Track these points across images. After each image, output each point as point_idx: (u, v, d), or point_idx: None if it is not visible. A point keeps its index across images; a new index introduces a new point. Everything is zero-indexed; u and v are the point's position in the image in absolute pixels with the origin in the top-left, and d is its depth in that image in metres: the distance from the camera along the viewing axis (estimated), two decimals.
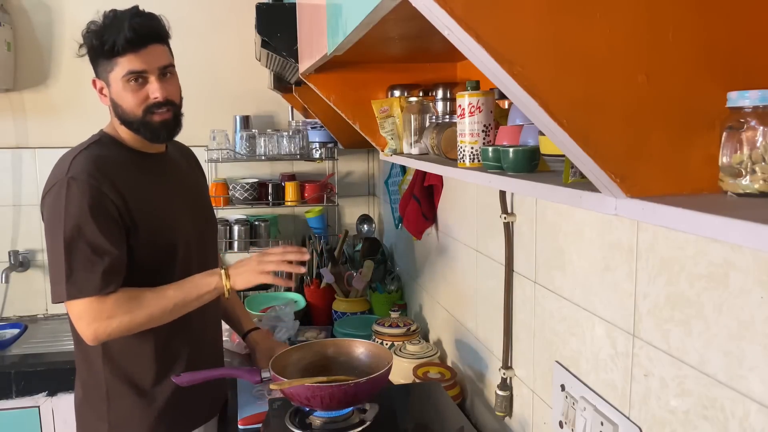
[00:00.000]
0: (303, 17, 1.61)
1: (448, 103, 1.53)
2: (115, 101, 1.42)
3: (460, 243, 1.78)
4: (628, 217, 0.62)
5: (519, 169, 0.89)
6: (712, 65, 0.59)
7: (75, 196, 1.33)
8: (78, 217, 1.32)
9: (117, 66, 1.38)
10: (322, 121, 2.42)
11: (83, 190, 1.33)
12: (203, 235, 1.62)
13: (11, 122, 2.75)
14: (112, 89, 1.41)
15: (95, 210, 1.33)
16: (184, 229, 1.52)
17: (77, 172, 1.35)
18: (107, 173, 1.37)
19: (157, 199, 1.47)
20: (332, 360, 1.52)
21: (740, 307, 0.75)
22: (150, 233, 1.42)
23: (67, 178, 1.34)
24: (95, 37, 1.37)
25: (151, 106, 1.41)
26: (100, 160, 1.39)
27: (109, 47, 1.35)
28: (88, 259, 1.32)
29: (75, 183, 1.33)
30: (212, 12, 2.81)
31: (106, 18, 1.39)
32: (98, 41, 1.37)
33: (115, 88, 1.40)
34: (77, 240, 1.32)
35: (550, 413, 1.26)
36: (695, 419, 0.84)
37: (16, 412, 2.23)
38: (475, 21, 0.54)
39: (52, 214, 1.35)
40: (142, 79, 1.39)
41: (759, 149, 0.55)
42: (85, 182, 1.33)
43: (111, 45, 1.35)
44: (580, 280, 1.13)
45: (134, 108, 1.40)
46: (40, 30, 2.72)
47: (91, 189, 1.33)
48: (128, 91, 1.39)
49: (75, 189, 1.33)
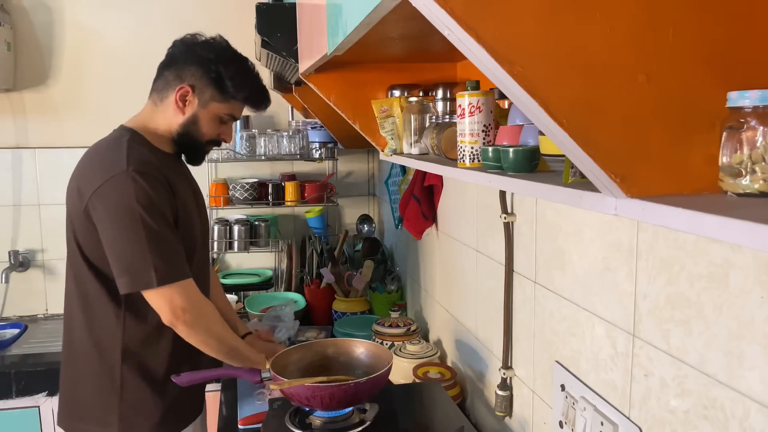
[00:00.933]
0: (303, 17, 1.61)
1: (448, 103, 1.53)
2: (199, 120, 1.53)
3: (460, 243, 1.78)
4: (628, 217, 0.62)
5: (519, 169, 0.89)
6: (712, 65, 0.59)
7: (143, 188, 1.38)
8: (152, 207, 1.38)
9: (227, 104, 1.53)
10: (322, 121, 2.42)
11: (150, 182, 1.39)
12: (205, 239, 1.72)
13: (11, 122, 2.74)
14: (205, 111, 1.52)
15: (162, 201, 1.41)
16: (197, 230, 1.61)
17: (138, 166, 1.40)
18: (159, 168, 1.45)
19: (183, 198, 1.55)
20: (332, 360, 1.53)
21: (740, 307, 0.75)
22: (182, 229, 1.50)
23: (131, 171, 1.38)
24: (228, 71, 1.50)
25: (215, 141, 1.59)
26: (148, 156, 1.47)
27: (243, 95, 1.53)
28: (172, 246, 1.41)
29: (140, 176, 1.39)
30: (212, 12, 2.81)
31: (240, 60, 1.55)
32: (233, 81, 1.50)
33: (207, 113, 1.53)
34: (156, 228, 1.38)
35: (550, 413, 1.26)
36: (695, 419, 0.84)
37: (16, 412, 2.24)
38: (475, 21, 0.54)
39: (119, 205, 1.38)
40: (230, 121, 1.58)
41: (759, 149, 0.55)
42: (149, 175, 1.40)
43: (245, 95, 1.53)
44: (580, 280, 1.13)
45: (209, 136, 1.56)
46: (40, 30, 2.72)
47: (155, 181, 1.41)
48: (216, 123, 1.55)
49: (142, 181, 1.38)
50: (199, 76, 1.50)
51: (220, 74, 1.50)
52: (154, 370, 1.51)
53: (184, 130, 1.53)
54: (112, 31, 2.73)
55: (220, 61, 1.51)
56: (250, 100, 1.56)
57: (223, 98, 1.52)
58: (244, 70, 1.54)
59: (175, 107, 1.51)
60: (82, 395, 1.54)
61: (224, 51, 1.54)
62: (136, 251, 1.36)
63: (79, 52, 2.75)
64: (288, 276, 2.80)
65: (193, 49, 1.52)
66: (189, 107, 1.51)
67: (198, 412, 1.65)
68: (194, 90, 1.50)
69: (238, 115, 1.58)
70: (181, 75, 1.51)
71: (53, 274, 2.83)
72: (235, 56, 1.55)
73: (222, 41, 1.56)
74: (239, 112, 1.58)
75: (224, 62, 1.51)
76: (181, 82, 1.50)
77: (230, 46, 1.57)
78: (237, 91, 1.51)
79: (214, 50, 1.52)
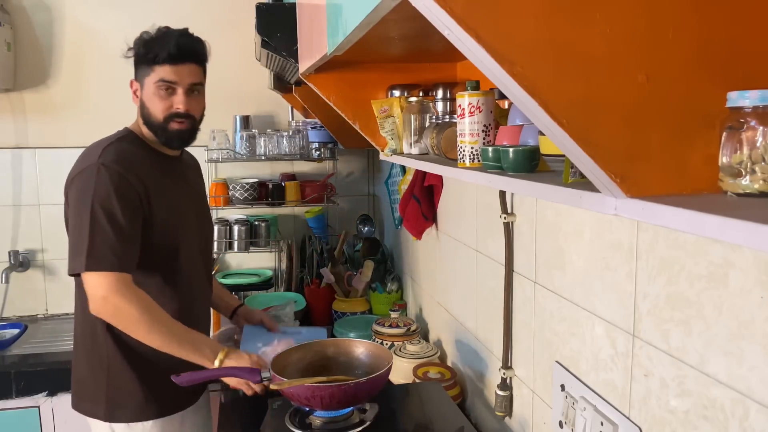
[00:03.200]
0: (303, 17, 1.61)
1: (448, 103, 1.53)
2: (144, 103, 1.57)
3: (460, 243, 1.78)
4: (628, 217, 0.62)
5: (519, 169, 0.89)
6: (712, 65, 0.59)
7: (104, 181, 1.45)
8: (105, 199, 1.44)
9: (153, 73, 1.54)
10: (322, 121, 2.42)
11: (112, 176, 1.45)
12: (206, 241, 1.75)
13: (11, 122, 2.74)
14: (144, 92, 1.57)
15: (121, 195, 1.45)
16: (190, 231, 1.63)
17: (108, 160, 1.48)
18: (133, 165, 1.51)
19: (171, 197, 1.59)
20: (332, 360, 1.53)
21: (740, 307, 0.75)
22: (161, 228, 1.54)
23: (99, 163, 1.46)
24: (143, 45, 1.55)
25: (172, 114, 1.56)
26: (128, 153, 1.53)
27: (151, 56, 1.53)
28: (109, 238, 1.43)
29: (105, 169, 1.46)
30: (212, 12, 2.81)
31: (158, 32, 1.56)
32: (144, 49, 1.54)
33: (147, 91, 1.56)
34: (102, 219, 1.43)
35: (550, 413, 1.25)
36: (695, 419, 0.84)
37: (16, 412, 2.24)
38: (475, 21, 0.54)
39: (80, 194, 1.47)
40: (171, 89, 1.55)
41: (759, 149, 0.55)
42: (115, 170, 1.46)
43: (154, 54, 1.53)
44: (580, 280, 1.13)
45: (158, 113, 1.56)
46: (40, 30, 2.72)
47: (119, 176, 1.46)
48: (157, 96, 1.55)
49: (105, 174, 1.45)
50: (135, 65, 1.58)
51: (139, 51, 1.55)
52: (138, 352, 1.54)
53: (143, 118, 1.59)
54: (112, 31, 2.72)
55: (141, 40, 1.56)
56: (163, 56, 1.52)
57: (147, 69, 1.54)
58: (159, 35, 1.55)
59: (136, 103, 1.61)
60: (79, 373, 1.63)
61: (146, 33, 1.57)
62: (78, 237, 1.43)
63: (79, 52, 2.75)
64: (288, 276, 2.80)
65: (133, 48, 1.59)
66: (138, 95, 1.59)
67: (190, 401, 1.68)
68: (136, 78, 1.59)
69: (170, 78, 1.54)
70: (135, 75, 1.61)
71: (53, 274, 2.83)
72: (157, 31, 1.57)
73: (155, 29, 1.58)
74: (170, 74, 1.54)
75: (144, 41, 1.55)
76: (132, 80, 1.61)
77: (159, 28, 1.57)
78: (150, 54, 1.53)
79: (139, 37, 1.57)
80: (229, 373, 1.62)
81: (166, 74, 1.54)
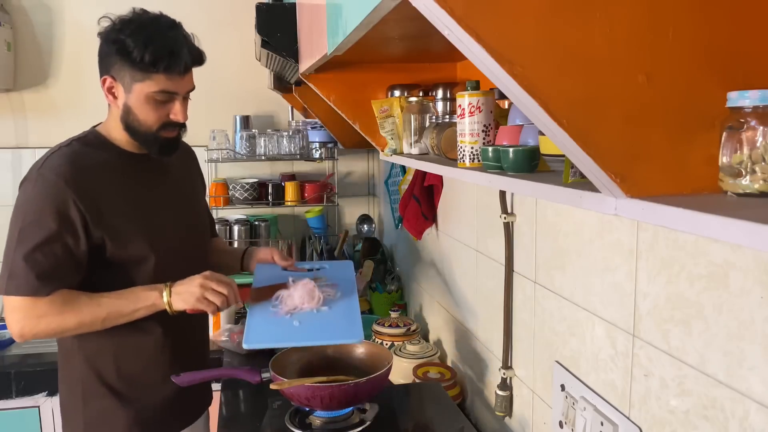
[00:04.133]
0: (303, 17, 1.61)
1: (448, 103, 1.53)
2: (132, 109, 1.36)
3: (460, 243, 1.78)
4: (628, 217, 0.62)
5: (519, 169, 0.89)
6: (712, 65, 0.59)
7: (38, 194, 1.30)
8: (35, 214, 1.29)
9: (150, 80, 1.33)
10: (322, 121, 2.42)
11: (47, 188, 1.30)
12: (188, 243, 1.53)
13: (11, 122, 2.75)
14: (132, 97, 1.35)
15: (54, 211, 1.29)
16: (161, 237, 1.44)
17: (48, 169, 1.32)
18: (81, 174, 1.33)
19: (134, 204, 1.41)
20: (332, 360, 1.52)
21: (740, 307, 0.75)
22: (120, 239, 1.37)
23: (38, 173, 1.32)
24: (136, 42, 1.30)
25: (167, 123, 1.39)
26: (79, 160, 1.35)
27: (150, 61, 1.30)
28: (33, 258, 1.28)
29: (42, 180, 1.31)
30: (212, 12, 2.81)
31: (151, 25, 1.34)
32: (139, 49, 1.30)
33: (136, 97, 1.35)
34: (28, 237, 1.29)
35: (550, 413, 1.25)
36: (695, 419, 0.84)
37: (16, 412, 2.23)
38: (475, 21, 0.54)
39: (17, 206, 1.33)
40: (169, 98, 1.37)
41: (759, 149, 0.54)
42: (52, 182, 1.30)
43: (153, 60, 1.30)
44: (580, 280, 1.13)
45: (152, 123, 1.37)
46: (40, 30, 2.72)
47: (56, 189, 1.30)
48: (152, 105, 1.35)
49: (41, 186, 1.31)
50: (114, 61, 1.34)
51: (127, 49, 1.31)
52: (114, 380, 1.43)
53: (124, 123, 1.38)
54: None
55: (125, 34, 1.31)
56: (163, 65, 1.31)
57: (141, 75, 1.32)
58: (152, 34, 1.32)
59: (110, 103, 1.40)
60: (61, 394, 1.52)
61: (129, 22, 1.33)
62: (5, 255, 1.31)
63: (79, 52, 2.75)
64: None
65: (105, 34, 1.36)
66: (119, 97, 1.37)
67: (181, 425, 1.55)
68: (116, 78, 1.35)
69: (171, 88, 1.34)
70: (104, 66, 1.38)
71: None
72: (141, 22, 1.33)
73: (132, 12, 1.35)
74: (171, 84, 1.34)
75: (130, 34, 1.31)
76: (104, 74, 1.38)
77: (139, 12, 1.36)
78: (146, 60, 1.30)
79: (120, 26, 1.33)
80: (229, 373, 1.62)
81: (169, 85, 1.34)
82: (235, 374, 1.59)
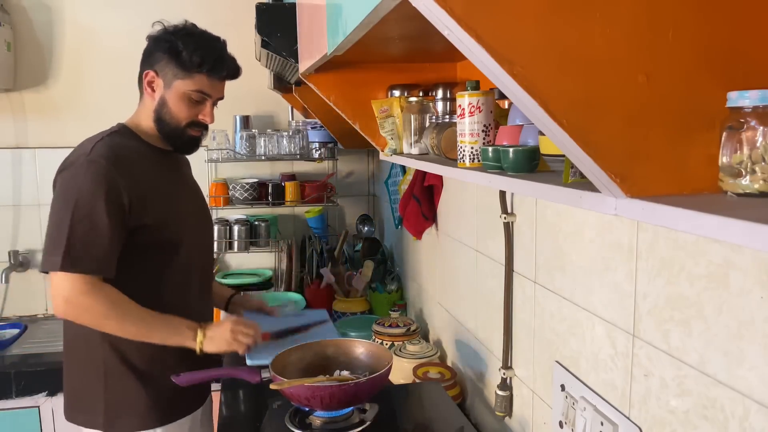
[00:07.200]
0: (303, 17, 1.61)
1: (448, 103, 1.53)
2: (167, 102, 1.51)
3: (460, 243, 1.78)
4: (628, 217, 0.62)
5: (519, 169, 0.89)
6: (712, 65, 0.59)
7: (91, 178, 1.38)
8: (90, 197, 1.38)
9: (191, 79, 1.49)
10: (322, 121, 2.42)
11: (99, 173, 1.39)
12: (205, 237, 1.69)
13: (11, 122, 2.74)
14: (171, 92, 1.50)
15: (107, 195, 1.38)
16: (189, 228, 1.58)
17: (98, 155, 1.41)
18: (126, 162, 1.44)
19: (168, 193, 1.54)
20: (332, 360, 1.53)
21: (740, 307, 0.75)
22: (158, 224, 1.48)
23: (87, 159, 1.40)
24: (186, 45, 1.47)
25: (194, 122, 1.54)
26: (120, 149, 1.46)
27: (197, 62, 1.47)
28: (90, 239, 1.37)
29: (94, 165, 1.39)
30: (212, 12, 2.81)
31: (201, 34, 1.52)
32: (188, 51, 1.47)
33: (174, 93, 1.50)
34: (83, 218, 1.37)
35: (550, 413, 1.25)
36: (695, 419, 0.84)
37: (16, 412, 2.23)
38: (475, 21, 0.54)
39: (65, 188, 1.41)
40: (202, 99, 1.52)
41: (759, 149, 0.55)
42: (104, 167, 1.39)
43: (200, 61, 1.47)
44: (580, 280, 1.13)
45: (182, 118, 1.52)
46: (40, 30, 2.72)
47: (107, 174, 1.39)
48: (186, 103, 1.51)
49: (93, 171, 1.39)
50: (160, 58, 1.50)
51: (177, 48, 1.47)
52: (137, 360, 1.50)
53: (156, 115, 1.52)
54: (112, 31, 2.73)
55: (178, 36, 1.49)
56: (207, 68, 1.49)
57: (184, 73, 1.48)
58: (202, 40, 1.50)
59: (147, 95, 1.53)
60: (72, 382, 1.56)
61: (182, 29, 1.52)
62: (57, 234, 1.37)
63: (79, 52, 2.75)
64: (288, 276, 2.80)
65: (156, 36, 1.53)
66: (157, 91, 1.51)
67: (195, 405, 1.63)
68: (158, 73, 1.50)
69: (208, 91, 1.51)
70: (148, 62, 1.52)
71: None
72: (193, 30, 1.53)
73: (184, 23, 1.54)
74: (208, 87, 1.51)
75: (181, 37, 1.49)
76: (147, 69, 1.52)
77: (192, 24, 1.54)
78: (194, 61, 1.47)
79: (173, 30, 1.51)
80: (229, 373, 1.62)
81: (207, 87, 1.51)
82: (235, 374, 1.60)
